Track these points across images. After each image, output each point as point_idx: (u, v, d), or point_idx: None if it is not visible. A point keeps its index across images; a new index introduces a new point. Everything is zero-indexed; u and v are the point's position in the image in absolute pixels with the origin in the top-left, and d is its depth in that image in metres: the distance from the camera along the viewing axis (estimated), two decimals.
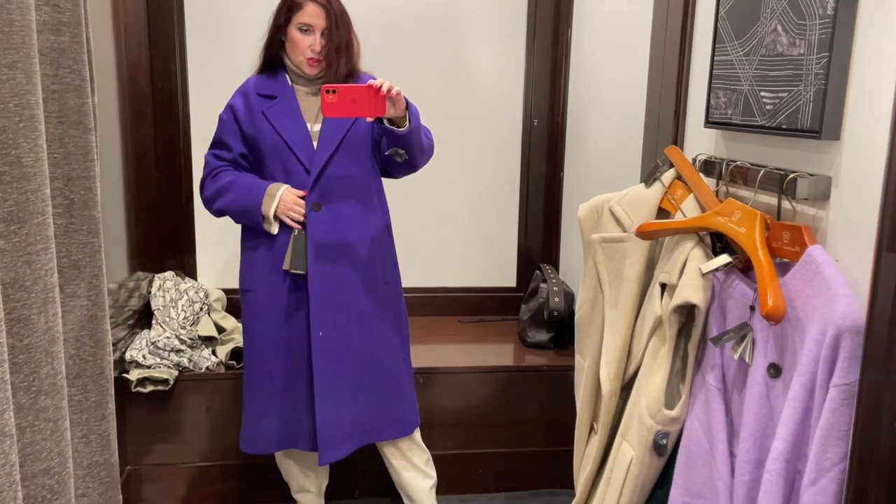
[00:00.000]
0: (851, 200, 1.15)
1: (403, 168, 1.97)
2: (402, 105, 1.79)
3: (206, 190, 1.99)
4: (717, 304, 1.39)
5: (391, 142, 1.87)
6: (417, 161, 1.94)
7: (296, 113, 1.93)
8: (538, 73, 2.86)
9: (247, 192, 1.92)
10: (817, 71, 1.18)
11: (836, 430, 1.08)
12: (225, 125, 1.98)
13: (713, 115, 1.52)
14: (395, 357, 2.05)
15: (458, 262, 2.98)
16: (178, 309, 2.37)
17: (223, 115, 1.99)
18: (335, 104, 1.72)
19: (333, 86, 1.73)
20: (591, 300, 1.73)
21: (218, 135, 2.00)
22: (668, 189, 1.56)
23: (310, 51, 1.90)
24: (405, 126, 1.83)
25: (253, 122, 1.94)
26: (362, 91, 1.73)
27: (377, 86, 1.72)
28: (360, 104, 1.73)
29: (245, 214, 1.93)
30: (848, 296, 1.09)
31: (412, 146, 1.87)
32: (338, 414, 1.95)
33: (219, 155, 1.99)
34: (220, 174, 1.98)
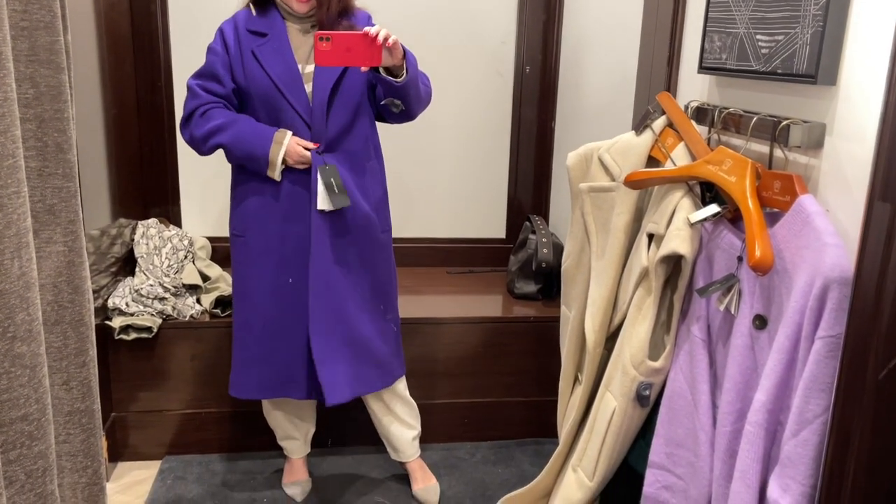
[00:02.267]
0: (846, 149, 1.12)
1: (399, 117, 1.90)
2: (399, 54, 1.72)
3: (196, 127, 1.87)
4: (704, 255, 1.37)
5: (387, 91, 1.80)
6: (414, 110, 1.88)
7: (287, 54, 1.85)
8: (531, 18, 2.78)
9: (251, 135, 1.83)
10: (815, 12, 1.14)
11: (820, 381, 1.07)
12: (216, 55, 1.88)
13: (707, 60, 1.47)
14: (386, 306, 2.03)
15: (447, 212, 2.94)
16: (162, 257, 2.34)
17: (214, 45, 1.89)
18: (329, 53, 1.66)
19: (328, 33, 1.66)
20: (578, 251, 1.70)
21: (208, 66, 1.89)
22: (659, 137, 1.52)
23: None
24: (402, 76, 1.77)
25: (243, 61, 1.86)
26: (358, 39, 1.66)
27: (373, 34, 1.66)
28: (356, 53, 1.67)
29: (249, 158, 1.85)
30: (838, 246, 1.06)
31: (409, 96, 1.81)
32: (337, 358, 1.94)
33: (208, 88, 1.88)
34: (211, 112, 1.87)
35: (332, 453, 2.37)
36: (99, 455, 1.62)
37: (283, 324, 1.93)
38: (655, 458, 1.45)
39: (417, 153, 2.84)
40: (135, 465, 2.31)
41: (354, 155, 1.92)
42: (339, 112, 1.88)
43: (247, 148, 1.84)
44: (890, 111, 0.89)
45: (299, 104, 1.85)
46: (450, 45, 2.76)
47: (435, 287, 2.73)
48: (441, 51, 2.74)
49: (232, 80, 1.88)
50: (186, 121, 1.91)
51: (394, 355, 2.06)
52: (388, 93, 1.81)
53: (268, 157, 1.83)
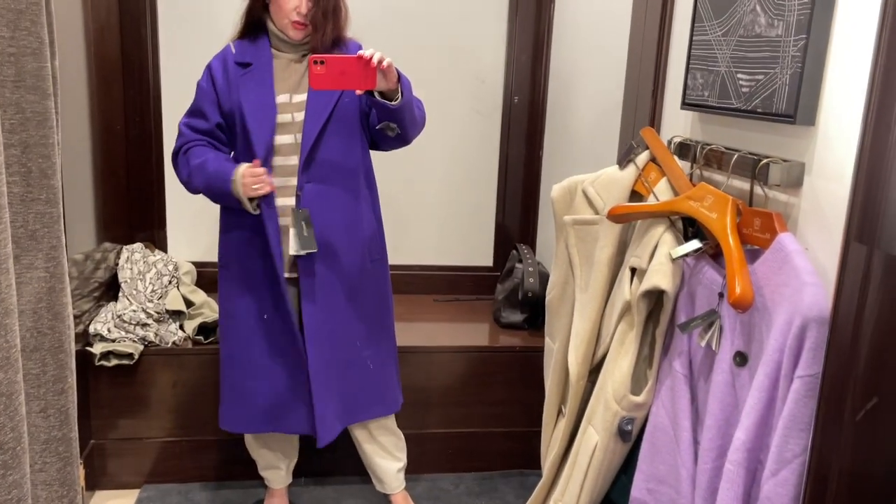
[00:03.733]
0: (824, 188, 1.13)
1: (394, 142, 1.88)
2: (393, 77, 1.71)
3: (181, 168, 1.90)
4: (686, 290, 1.37)
5: (382, 115, 1.79)
6: (409, 134, 1.87)
7: (266, 85, 1.84)
8: (520, 50, 2.81)
9: (215, 177, 1.83)
10: (794, 53, 1.15)
11: (799, 421, 1.07)
12: (203, 93, 1.89)
13: (690, 97, 1.48)
14: (379, 336, 2.01)
15: (435, 240, 2.95)
16: (146, 282, 2.32)
17: (201, 82, 1.90)
18: (324, 76, 1.65)
19: (322, 56, 1.66)
20: (563, 283, 1.70)
21: (195, 103, 1.91)
22: (642, 171, 1.53)
23: (295, 13, 1.80)
24: (397, 99, 1.76)
25: (230, 93, 1.87)
26: (352, 62, 1.66)
27: (367, 57, 1.65)
28: (350, 76, 1.66)
29: (222, 198, 1.85)
30: (816, 285, 1.07)
31: (404, 119, 1.80)
32: (331, 393, 1.92)
33: (193, 125, 1.90)
34: (191, 151, 1.88)
35: (314, 483, 2.34)
36: (76, 484, 1.59)
37: (270, 358, 1.91)
38: (637, 494, 1.44)
39: (406, 181, 2.85)
40: (113, 493, 2.27)
41: (349, 182, 1.91)
42: (333, 139, 1.87)
43: (216, 189, 1.84)
44: (865, 153, 0.90)
45: (260, 135, 1.82)
46: (439, 78, 2.78)
47: (421, 315, 2.72)
48: (430, 82, 2.75)
49: (219, 113, 1.88)
50: (175, 157, 1.93)
51: (388, 387, 2.05)
52: (383, 116, 1.79)
53: (234, 197, 1.81)
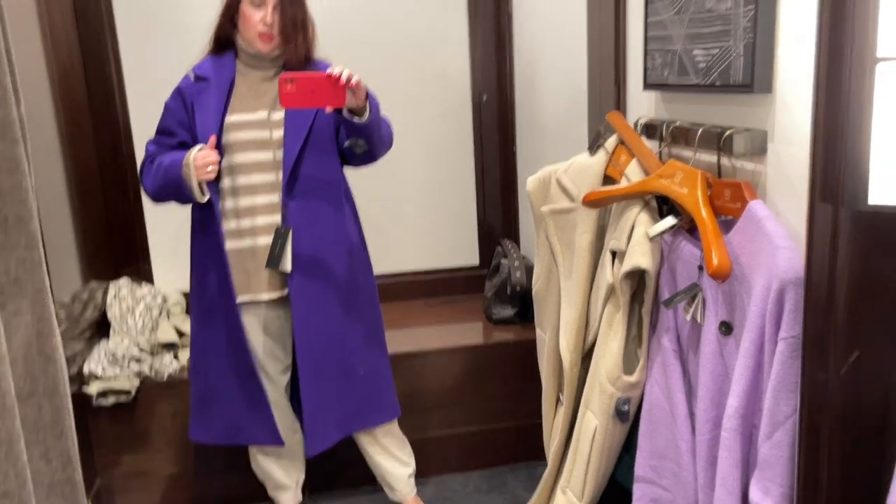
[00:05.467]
0: (787, 153, 1.15)
1: (362, 158, 1.91)
2: (362, 94, 1.74)
3: (144, 179, 1.90)
4: (666, 267, 1.39)
5: (351, 132, 1.82)
6: (377, 151, 1.90)
7: (217, 102, 1.84)
8: (483, 47, 2.83)
9: (170, 168, 1.82)
10: (745, 24, 1.18)
11: (788, 382, 1.09)
12: (170, 112, 1.89)
13: (651, 78, 1.51)
14: (372, 346, 2.03)
15: (420, 244, 2.96)
16: (136, 316, 2.32)
17: (168, 102, 1.90)
18: (294, 94, 1.67)
19: (292, 75, 1.68)
20: (547, 273, 1.72)
21: (161, 122, 1.91)
22: (612, 155, 1.55)
23: (262, 24, 1.80)
24: (365, 116, 1.78)
25: (186, 108, 1.87)
26: (322, 80, 1.68)
27: (337, 75, 1.67)
28: (320, 94, 1.68)
29: (180, 192, 1.83)
30: (789, 248, 1.09)
31: (372, 136, 1.83)
32: (324, 405, 1.94)
33: (159, 142, 1.90)
34: (155, 159, 1.88)
35: (324, 498, 2.34)
36: None
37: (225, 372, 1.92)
38: (641, 472, 1.46)
39: (384, 190, 2.86)
40: None
41: (331, 197, 1.92)
42: (313, 155, 1.88)
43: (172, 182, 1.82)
44: (820, 114, 0.92)
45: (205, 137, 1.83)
46: (405, 82, 2.79)
47: (414, 320, 2.73)
48: (396, 87, 2.77)
49: (186, 132, 1.88)
50: (141, 178, 1.93)
51: (386, 394, 2.06)
52: (351, 133, 1.82)
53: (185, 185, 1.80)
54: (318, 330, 1.91)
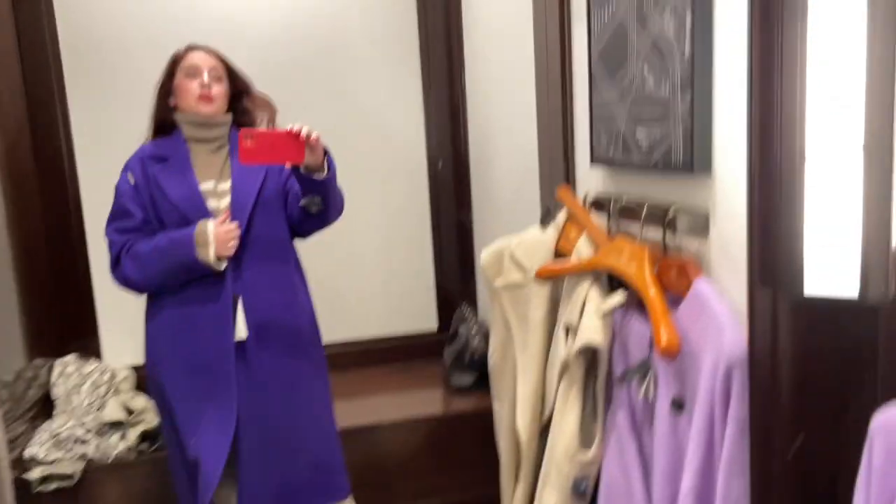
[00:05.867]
0: (728, 232, 1.18)
1: (315, 222, 1.90)
2: (320, 152, 1.74)
3: (126, 270, 1.84)
4: (618, 342, 1.40)
5: (308, 189, 1.80)
6: (330, 213, 1.88)
7: (188, 174, 1.84)
8: (437, 115, 2.88)
9: (176, 246, 1.79)
10: (683, 110, 1.22)
11: (738, 462, 1.09)
12: (123, 193, 1.86)
13: (597, 154, 1.54)
14: (321, 421, 1.98)
15: (377, 310, 2.94)
16: (82, 395, 2.24)
17: (119, 184, 1.88)
18: (253, 150, 1.66)
19: (251, 130, 1.68)
20: (502, 345, 1.72)
21: (116, 206, 1.88)
22: (563, 230, 1.57)
23: (198, 86, 1.83)
24: (324, 172, 1.78)
25: (149, 189, 1.85)
26: (281, 136, 1.67)
27: (297, 130, 1.67)
28: (279, 150, 1.67)
29: (188, 271, 1.80)
30: (734, 327, 1.11)
31: (328, 194, 1.81)
32: (264, 484, 1.87)
33: (121, 227, 1.86)
34: (133, 246, 1.83)
35: None
36: None
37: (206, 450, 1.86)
38: None
39: (339, 254, 2.85)
40: None
41: (281, 263, 1.90)
42: (262, 221, 1.86)
43: (178, 263, 1.79)
44: (755, 198, 0.95)
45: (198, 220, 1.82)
46: (362, 149, 2.82)
47: (372, 389, 2.69)
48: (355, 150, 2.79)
49: (143, 210, 1.86)
50: (115, 266, 1.87)
51: (334, 473, 2.00)
52: (308, 190, 1.80)
53: (201, 263, 1.77)
54: (263, 402, 1.86)
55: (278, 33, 2.71)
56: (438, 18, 2.82)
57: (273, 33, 2.71)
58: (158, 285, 1.85)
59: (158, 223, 1.86)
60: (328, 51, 2.77)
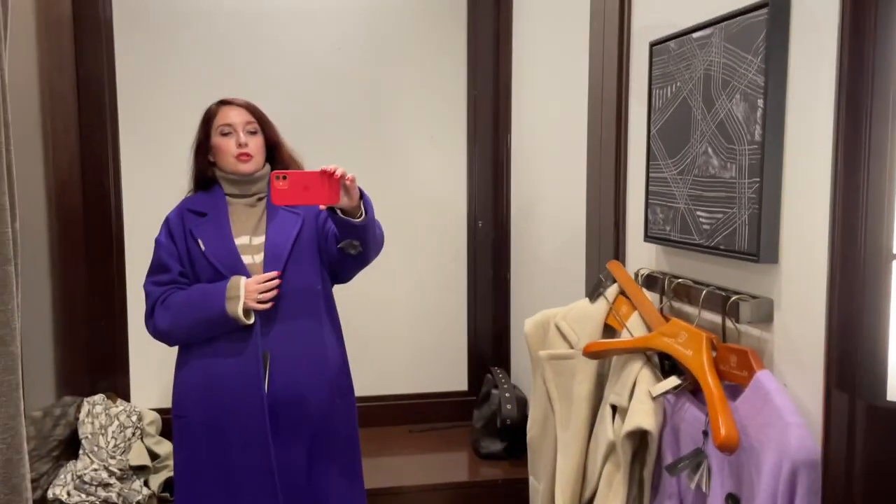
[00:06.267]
0: (794, 325, 1.14)
1: (354, 264, 1.87)
2: (356, 193, 1.71)
3: (159, 321, 1.84)
4: (669, 428, 1.35)
5: (345, 233, 1.77)
6: (370, 254, 1.85)
7: (225, 231, 1.86)
8: (480, 176, 2.88)
9: (208, 297, 1.79)
10: (750, 195, 1.19)
11: None
12: (162, 247, 1.89)
13: (652, 231, 1.52)
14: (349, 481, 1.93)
15: (407, 367, 2.90)
16: (108, 436, 2.22)
17: (159, 238, 1.91)
18: (286, 191, 1.63)
19: (284, 172, 1.66)
20: (542, 419, 1.67)
21: (155, 259, 1.90)
22: (613, 305, 1.54)
23: (235, 147, 1.85)
24: (360, 216, 1.74)
25: (186, 242, 1.87)
26: (315, 177, 1.64)
27: (331, 170, 1.65)
28: (313, 191, 1.64)
29: (216, 326, 1.79)
30: (800, 426, 1.05)
31: (367, 237, 1.78)
32: None
33: (158, 280, 1.87)
34: (168, 298, 1.84)
35: None
36: None
37: None
38: None
39: (375, 308, 2.83)
40: None
41: (312, 318, 1.88)
42: (294, 277, 1.85)
43: (207, 314, 1.79)
44: (834, 308, 0.91)
45: None
46: (403, 203, 2.82)
47: (397, 449, 2.64)
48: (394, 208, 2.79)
49: (179, 263, 1.87)
50: (149, 317, 1.88)
51: None
52: (346, 234, 1.77)
53: (229, 316, 1.76)
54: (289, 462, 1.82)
55: (323, 79, 2.75)
56: (488, 76, 2.85)
57: (318, 80, 2.75)
58: (187, 336, 1.84)
59: (194, 277, 1.86)
60: (374, 100, 2.80)
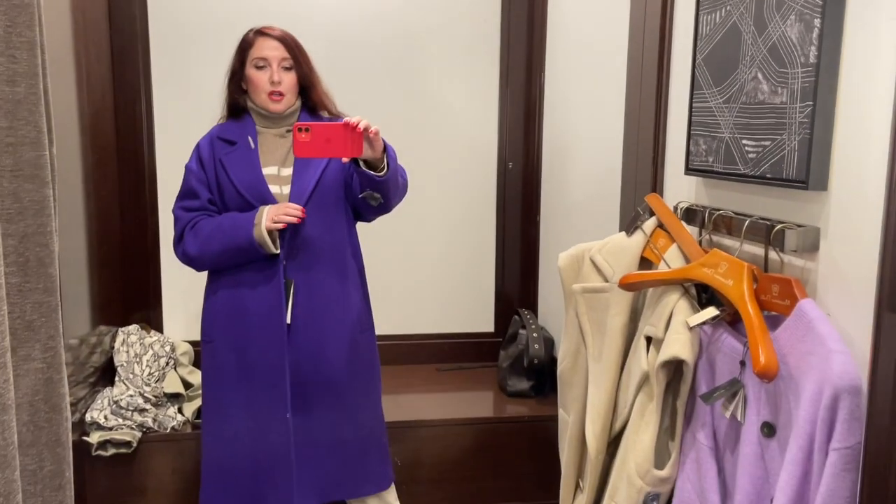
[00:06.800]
0: (842, 253, 1.11)
1: (377, 210, 1.88)
2: (379, 146, 1.70)
3: (189, 246, 1.86)
4: (705, 359, 1.34)
5: (366, 185, 1.78)
6: (391, 203, 1.86)
7: (253, 161, 1.86)
8: (512, 116, 2.84)
9: (237, 226, 1.81)
10: (801, 120, 1.15)
11: (838, 496, 1.02)
12: (192, 173, 1.90)
13: (693, 163, 1.48)
14: (366, 411, 1.97)
15: (434, 307, 2.91)
16: (143, 364, 2.27)
17: (189, 164, 1.92)
18: (308, 144, 1.62)
19: (306, 124, 1.64)
20: (574, 352, 1.67)
21: (185, 185, 1.92)
22: (650, 238, 1.52)
23: (269, 84, 1.83)
24: (382, 168, 1.74)
25: (215, 170, 1.88)
26: (338, 129, 1.63)
27: (354, 123, 1.64)
28: (335, 144, 1.63)
29: (244, 253, 1.81)
30: (844, 353, 1.04)
31: (388, 190, 1.79)
32: (306, 470, 1.86)
33: (187, 206, 1.90)
34: (198, 224, 1.86)
35: None
36: None
37: (255, 442, 1.86)
38: None
39: (404, 248, 2.84)
40: None
41: (335, 254, 1.90)
42: (317, 214, 1.86)
43: (238, 239, 1.80)
44: (892, 221, 0.89)
45: None
46: (432, 142, 2.80)
47: (424, 386, 2.66)
48: (423, 147, 2.78)
49: (208, 190, 1.88)
50: (178, 242, 1.90)
51: (377, 463, 1.98)
52: (367, 186, 1.78)
53: (255, 242, 1.78)
54: (311, 390, 1.85)
55: (355, 19, 2.71)
56: (522, 12, 2.78)
57: (349, 19, 2.70)
58: (214, 263, 1.87)
59: (222, 204, 1.87)
60: (406, 38, 2.75)
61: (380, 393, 2.02)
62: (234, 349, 1.86)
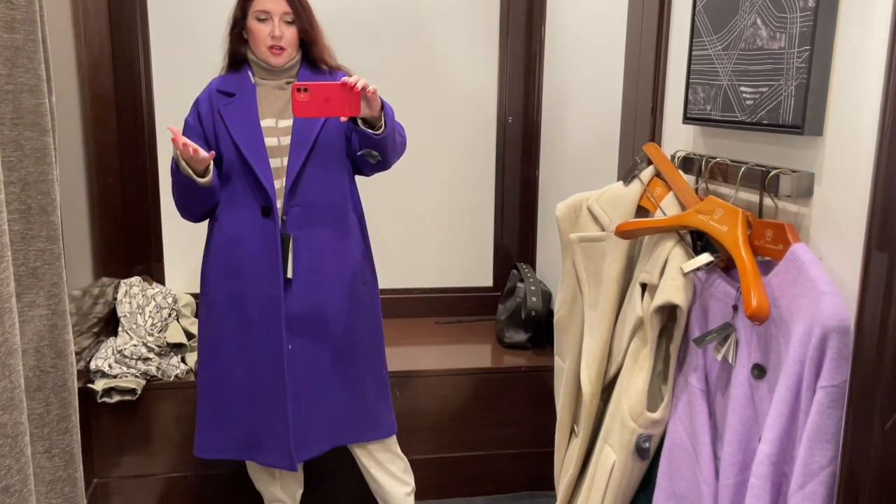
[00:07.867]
0: (835, 197, 1.13)
1: (375, 167, 1.90)
2: (377, 105, 1.72)
3: (173, 196, 1.90)
4: (698, 304, 1.36)
5: (364, 143, 1.80)
6: (390, 160, 1.89)
7: (251, 113, 1.86)
8: (512, 69, 2.82)
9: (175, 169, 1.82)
10: (799, 65, 1.16)
11: (824, 432, 1.06)
12: (189, 128, 1.91)
13: (691, 111, 1.49)
14: (370, 359, 2.00)
15: (433, 261, 2.93)
16: (146, 315, 2.29)
17: (188, 118, 1.92)
18: (306, 103, 1.64)
19: (305, 84, 1.65)
20: (570, 301, 1.69)
21: None
22: (647, 187, 1.53)
23: (270, 38, 1.83)
24: (380, 127, 1.76)
25: (213, 122, 1.88)
26: (336, 89, 1.65)
27: (351, 83, 1.65)
28: (334, 103, 1.65)
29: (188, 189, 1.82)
30: (834, 294, 1.06)
31: (386, 147, 1.81)
32: (310, 416, 1.90)
33: None
34: None
35: None
36: None
37: (251, 388, 1.89)
38: None
39: (403, 202, 2.85)
40: None
41: (334, 210, 1.91)
42: (318, 167, 1.87)
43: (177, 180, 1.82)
44: (882, 160, 0.90)
45: (258, 163, 1.83)
46: (431, 97, 2.79)
47: (422, 338, 2.70)
48: (424, 102, 2.77)
49: (206, 146, 1.88)
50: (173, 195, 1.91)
51: (381, 411, 2.02)
52: (365, 144, 1.80)
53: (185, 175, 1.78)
54: (312, 341, 1.88)
55: None
56: None
57: None
58: (187, 208, 1.90)
59: (219, 155, 1.88)
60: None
61: (383, 344, 2.05)
62: (232, 303, 1.88)
